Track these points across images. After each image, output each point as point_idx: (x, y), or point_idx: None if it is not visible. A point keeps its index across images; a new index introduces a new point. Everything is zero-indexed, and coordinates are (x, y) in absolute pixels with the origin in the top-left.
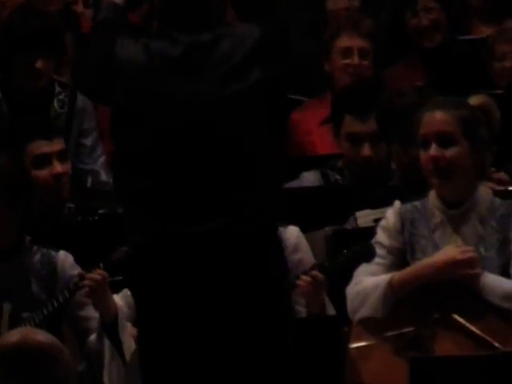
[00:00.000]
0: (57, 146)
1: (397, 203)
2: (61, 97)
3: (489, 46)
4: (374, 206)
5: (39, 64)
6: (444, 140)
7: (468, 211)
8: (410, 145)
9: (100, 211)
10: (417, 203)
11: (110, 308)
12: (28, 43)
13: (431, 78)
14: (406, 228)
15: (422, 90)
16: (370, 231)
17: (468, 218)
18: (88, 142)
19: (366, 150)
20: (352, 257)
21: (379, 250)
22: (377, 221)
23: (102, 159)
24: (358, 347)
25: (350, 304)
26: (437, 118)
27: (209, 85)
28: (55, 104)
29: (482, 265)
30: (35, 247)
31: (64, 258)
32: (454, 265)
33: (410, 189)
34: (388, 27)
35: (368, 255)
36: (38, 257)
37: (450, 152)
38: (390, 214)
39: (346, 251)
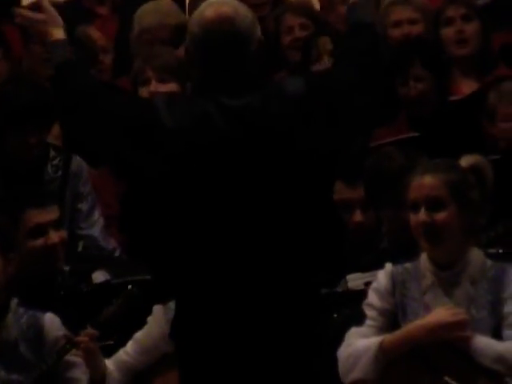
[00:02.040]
0: (52, 214)
1: (388, 265)
2: (55, 162)
3: (489, 107)
4: (364, 270)
5: (32, 140)
6: (433, 204)
7: (459, 273)
8: (399, 208)
9: (94, 277)
10: (408, 265)
11: (100, 367)
12: (21, 118)
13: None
14: (397, 290)
15: (409, 153)
16: (361, 294)
17: (459, 280)
18: (84, 206)
19: (357, 216)
20: (343, 321)
21: (370, 312)
22: (367, 284)
23: (100, 224)
24: None
25: (342, 367)
26: (426, 182)
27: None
28: (49, 169)
29: (474, 326)
30: (22, 309)
31: (51, 319)
32: (445, 327)
33: (400, 252)
34: None
35: (358, 319)
36: (24, 318)
37: (439, 216)
38: (382, 276)
39: (336, 315)
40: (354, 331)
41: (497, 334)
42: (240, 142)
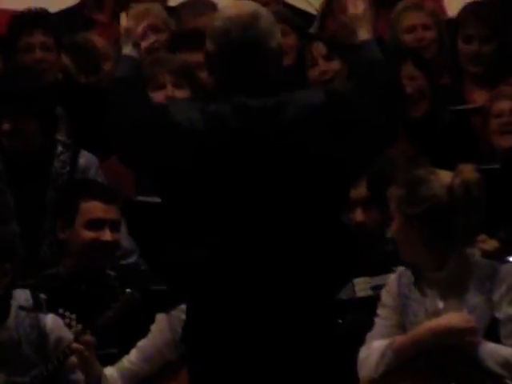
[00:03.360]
0: (113, 213)
1: (400, 267)
2: (62, 157)
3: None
4: (371, 273)
5: (6, 126)
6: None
7: (449, 276)
8: None
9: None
10: (416, 268)
11: (95, 374)
12: None
13: (416, 149)
14: (401, 291)
15: (413, 158)
16: (367, 301)
17: (450, 282)
18: None
19: (359, 216)
20: (349, 327)
21: (384, 312)
22: (375, 288)
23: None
24: None
25: (359, 369)
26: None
27: (272, 156)
28: (56, 164)
29: None
30: (23, 312)
31: (53, 320)
32: (456, 332)
33: None
34: None
35: (365, 325)
36: (27, 321)
37: (392, 227)
38: (392, 277)
39: (341, 321)
40: (372, 333)
41: (490, 334)
42: (253, 143)
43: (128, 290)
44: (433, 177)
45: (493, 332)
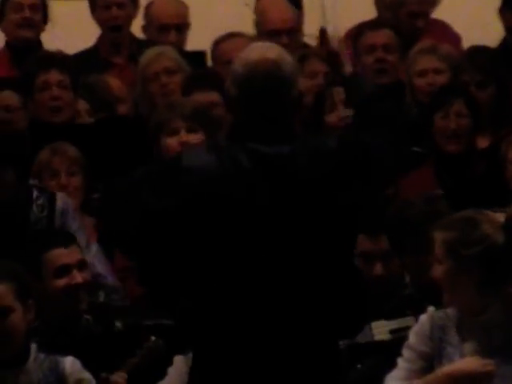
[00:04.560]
0: (76, 254)
1: (430, 308)
2: (39, 201)
3: (502, 157)
4: (388, 316)
5: None
6: (437, 260)
7: (488, 321)
8: (422, 254)
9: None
10: (449, 311)
11: None
12: None
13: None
14: (435, 334)
15: (431, 199)
16: (385, 344)
17: (489, 327)
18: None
19: (378, 269)
20: (367, 372)
21: (409, 354)
22: (393, 332)
23: (98, 255)
24: None
25: None
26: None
27: (285, 198)
28: (34, 209)
29: (501, 374)
30: (42, 354)
31: (72, 362)
32: (473, 377)
33: (425, 297)
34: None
35: (383, 369)
36: (46, 363)
37: (435, 271)
38: (423, 319)
39: (359, 366)
40: (393, 374)
41: None
42: (266, 190)
43: (153, 338)
44: (483, 217)
45: None
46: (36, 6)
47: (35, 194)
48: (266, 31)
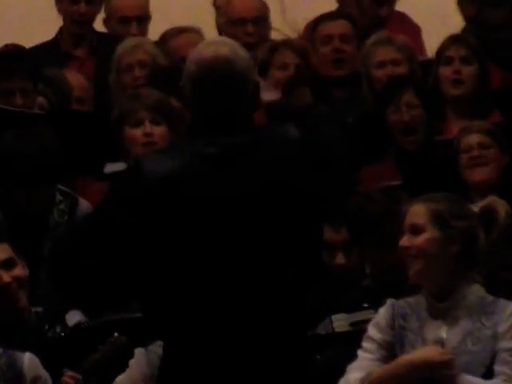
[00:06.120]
0: (1, 254)
1: (390, 300)
2: (61, 206)
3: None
4: (348, 309)
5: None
6: (414, 230)
7: (456, 305)
8: (382, 248)
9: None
10: (410, 299)
11: None
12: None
13: (407, 181)
14: (396, 322)
15: (390, 192)
16: (345, 336)
17: (456, 312)
18: None
19: (340, 259)
20: (326, 363)
21: (369, 345)
22: (353, 325)
23: None
24: None
25: None
26: (411, 210)
27: (251, 187)
28: (55, 213)
29: (468, 359)
30: (0, 350)
31: (30, 359)
32: (432, 365)
33: (384, 289)
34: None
35: (342, 360)
36: (3, 359)
37: (417, 240)
38: (383, 310)
39: (319, 357)
40: (353, 364)
41: (490, 369)
42: (231, 180)
43: (116, 334)
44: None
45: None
46: None
47: (58, 197)
48: (230, 20)
